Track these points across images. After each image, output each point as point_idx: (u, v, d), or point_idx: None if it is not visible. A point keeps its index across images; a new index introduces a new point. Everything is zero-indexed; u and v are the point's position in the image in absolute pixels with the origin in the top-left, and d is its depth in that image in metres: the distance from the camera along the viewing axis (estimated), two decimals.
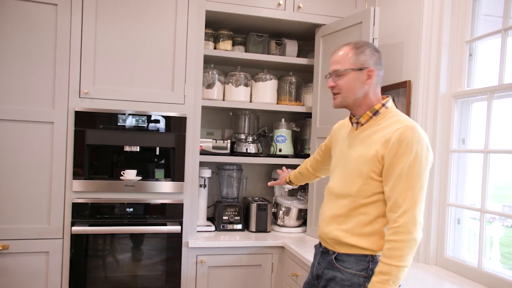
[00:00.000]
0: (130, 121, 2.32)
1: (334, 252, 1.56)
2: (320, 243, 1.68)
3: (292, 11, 2.66)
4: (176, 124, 2.37)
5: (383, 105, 1.56)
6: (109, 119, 2.29)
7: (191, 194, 2.42)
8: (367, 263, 1.49)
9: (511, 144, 1.93)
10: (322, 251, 1.63)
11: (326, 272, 1.57)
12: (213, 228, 2.71)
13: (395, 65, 2.46)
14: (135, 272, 2.35)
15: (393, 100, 2.40)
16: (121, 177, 2.33)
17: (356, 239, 1.49)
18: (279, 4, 2.61)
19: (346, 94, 1.56)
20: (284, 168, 2.31)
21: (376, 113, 1.55)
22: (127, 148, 2.35)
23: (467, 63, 2.07)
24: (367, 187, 1.49)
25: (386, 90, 2.51)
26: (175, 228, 2.33)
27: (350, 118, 1.65)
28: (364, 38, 2.29)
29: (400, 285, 1.44)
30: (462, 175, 2.09)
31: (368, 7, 2.31)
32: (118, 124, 2.30)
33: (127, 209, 2.32)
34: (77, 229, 2.22)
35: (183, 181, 2.38)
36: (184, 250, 2.38)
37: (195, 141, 2.45)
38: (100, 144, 2.32)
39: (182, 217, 2.38)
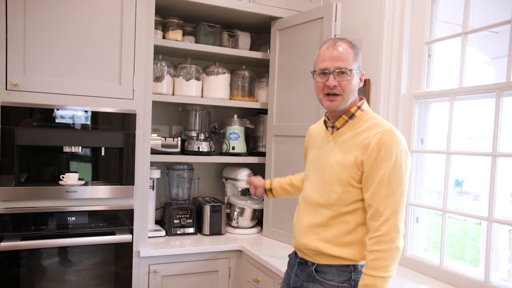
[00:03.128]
0: (71, 118, 2.03)
1: (313, 264, 1.48)
2: (295, 253, 1.59)
3: (247, 1, 2.52)
4: (124, 122, 2.13)
5: (359, 107, 1.49)
6: (44, 115, 1.98)
7: (142, 198, 2.21)
8: (349, 273, 1.43)
9: (466, 144, 2.00)
10: (299, 262, 1.54)
11: (305, 285, 1.48)
12: (163, 233, 2.51)
13: None
14: (82, 287, 2.09)
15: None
16: (60, 182, 2.04)
17: (337, 249, 1.43)
18: None
19: (348, 96, 1.45)
20: (251, 178, 1.99)
21: (352, 116, 1.48)
22: (66, 149, 2.06)
23: (427, 64, 2.10)
24: (346, 194, 1.42)
25: None
26: (126, 237, 2.11)
27: (325, 122, 1.56)
28: (326, 34, 2.22)
29: None
30: (421, 175, 2.13)
31: (330, 2, 2.24)
32: (56, 121, 2.00)
33: (69, 218, 2.04)
34: (6, 244, 1.90)
35: (133, 185, 2.15)
36: (135, 260, 2.16)
37: (146, 140, 2.23)
38: (33, 145, 2.00)
39: (132, 224, 2.16)
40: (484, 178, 1.80)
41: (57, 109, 1.99)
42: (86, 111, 2.05)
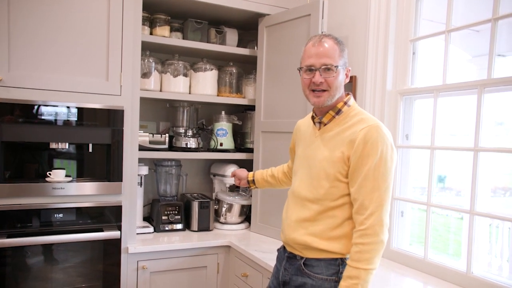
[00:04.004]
0: (58, 114, 2.01)
1: (302, 257, 1.50)
2: (284, 247, 1.61)
3: None
4: (112, 118, 2.12)
5: (345, 103, 1.51)
6: (30, 111, 1.95)
7: (130, 195, 2.20)
8: (337, 266, 1.46)
9: (451, 139, 2.05)
10: (288, 256, 1.56)
11: (294, 279, 1.50)
12: (151, 229, 2.51)
13: None
14: (69, 285, 2.07)
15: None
16: (47, 179, 2.02)
17: (326, 243, 1.45)
18: None
19: (334, 92, 1.47)
20: (236, 171, 2.07)
21: (338, 112, 1.51)
22: (53, 146, 2.04)
23: (411, 61, 2.15)
24: (334, 189, 1.45)
25: None
26: (114, 234, 2.10)
27: (313, 118, 1.59)
28: (313, 31, 2.25)
29: None
30: (406, 170, 2.18)
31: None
32: (42, 117, 1.98)
33: (56, 215, 2.02)
34: None
35: (121, 181, 2.14)
36: (123, 256, 2.16)
37: (134, 136, 2.22)
38: (19, 141, 1.98)
39: (120, 221, 2.15)
40: (466, 174, 1.85)
41: (44, 105, 1.97)
42: (73, 107, 2.03)
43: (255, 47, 2.76)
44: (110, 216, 2.14)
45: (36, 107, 1.96)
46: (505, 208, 3.08)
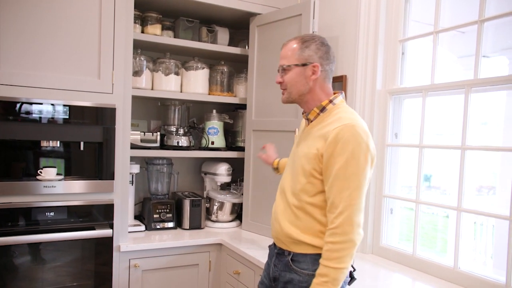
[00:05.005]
0: (49, 112, 2.00)
1: (290, 253, 1.52)
2: (274, 244, 1.63)
3: None
4: (104, 116, 2.12)
5: (331, 101, 1.53)
6: (21, 109, 1.94)
7: (122, 193, 2.20)
8: None
9: (438, 138, 2.10)
10: (277, 253, 1.58)
11: (283, 275, 1.53)
12: (143, 227, 2.51)
13: None
14: (59, 284, 2.06)
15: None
16: (38, 177, 2.01)
17: (310, 237, 1.47)
18: None
19: (291, 89, 1.54)
20: (267, 145, 2.11)
21: (323, 109, 1.53)
22: (44, 144, 2.03)
23: (400, 61, 2.19)
24: (310, 185, 1.47)
25: None
26: (106, 232, 2.10)
27: (303, 114, 1.63)
28: (304, 31, 2.28)
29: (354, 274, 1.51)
30: (395, 168, 2.22)
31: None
32: (34, 115, 1.97)
33: (47, 214, 2.01)
34: None
35: (113, 179, 2.14)
36: (115, 255, 2.16)
37: (125, 134, 2.22)
38: (9, 139, 1.96)
39: (112, 219, 2.15)
40: (451, 173, 1.90)
41: (35, 103, 1.96)
42: (64, 105, 2.03)
43: (246, 46, 2.78)
44: (102, 214, 2.14)
45: (27, 105, 1.95)
46: (489, 206, 3.15)
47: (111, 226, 2.14)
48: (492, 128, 2.55)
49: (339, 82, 2.42)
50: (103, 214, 2.13)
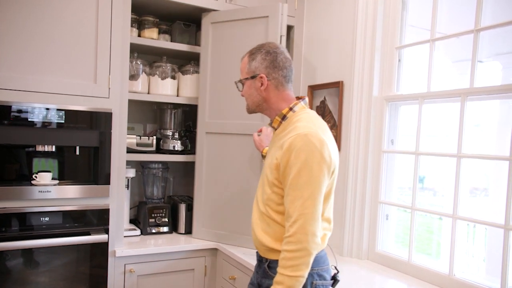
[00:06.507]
0: (44, 117, 1.98)
1: (266, 260, 1.54)
2: (257, 251, 1.65)
3: (223, 2, 2.53)
4: (100, 120, 2.11)
5: (291, 108, 1.54)
6: (16, 113, 1.92)
7: (118, 198, 2.19)
8: None
9: (435, 145, 2.12)
10: (258, 260, 1.62)
11: (263, 281, 1.55)
12: (138, 232, 2.50)
13: (327, 64, 2.52)
14: None
15: (324, 100, 2.42)
16: (33, 182, 1.99)
17: (280, 244, 1.46)
18: None
19: (248, 101, 1.62)
20: (259, 130, 2.10)
21: (284, 117, 1.54)
22: (40, 148, 2.02)
23: (397, 68, 2.20)
24: (275, 195, 1.48)
25: (318, 89, 2.56)
26: (101, 237, 2.09)
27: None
28: (271, 34, 2.26)
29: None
30: (391, 174, 2.23)
31: (276, 2, 2.27)
32: (29, 119, 1.95)
33: (42, 219, 2.00)
34: None
35: (109, 184, 2.13)
36: (110, 260, 2.14)
37: (122, 139, 2.21)
38: (4, 143, 1.94)
39: (108, 224, 2.14)
40: (444, 174, 1.91)
41: (31, 108, 1.95)
42: (60, 110, 2.01)
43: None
44: (97, 219, 2.12)
45: (22, 109, 1.93)
46: (482, 208, 3.18)
47: (106, 231, 2.13)
48: (486, 133, 2.57)
49: (336, 88, 2.43)
50: (98, 219, 2.12)
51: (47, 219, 2.01)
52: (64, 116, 2.02)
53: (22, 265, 1.99)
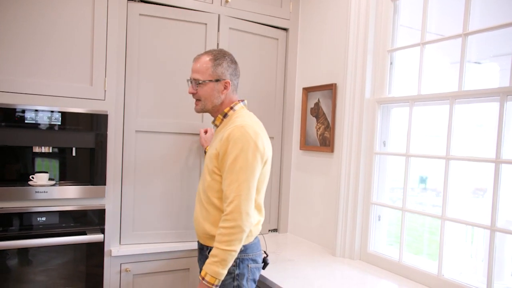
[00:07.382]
0: (41, 118, 2.02)
1: (207, 248, 1.70)
2: (198, 241, 1.82)
3: (219, 5, 2.57)
4: (96, 122, 2.14)
5: (231, 108, 1.78)
6: (12, 115, 1.96)
7: (114, 198, 2.23)
8: None
9: (424, 147, 2.14)
10: (200, 248, 1.79)
11: None
12: None
13: (321, 67, 2.55)
14: None
15: (318, 102, 2.47)
16: (30, 182, 2.03)
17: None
18: None
19: (205, 102, 1.77)
20: (205, 130, 2.34)
21: (225, 115, 1.78)
22: (36, 149, 2.06)
23: (389, 70, 2.23)
24: (214, 182, 1.68)
25: (312, 91, 2.59)
26: (97, 237, 2.13)
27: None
28: (209, 41, 2.41)
29: None
30: (383, 175, 2.26)
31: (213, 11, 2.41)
32: (26, 121, 1.99)
33: (39, 219, 2.04)
34: None
35: (105, 185, 2.17)
36: (106, 259, 2.18)
37: (117, 140, 2.25)
38: (1, 145, 1.98)
39: (104, 224, 2.18)
40: (444, 176, 1.93)
41: (27, 110, 1.98)
42: (57, 112, 2.05)
43: None
44: (94, 219, 2.16)
45: (19, 111, 1.97)
46: (481, 209, 3.19)
47: (102, 231, 2.17)
48: (487, 134, 2.58)
49: (329, 90, 2.46)
50: (94, 219, 2.16)
51: (44, 219, 2.05)
52: (61, 118, 2.06)
53: (20, 264, 2.03)
